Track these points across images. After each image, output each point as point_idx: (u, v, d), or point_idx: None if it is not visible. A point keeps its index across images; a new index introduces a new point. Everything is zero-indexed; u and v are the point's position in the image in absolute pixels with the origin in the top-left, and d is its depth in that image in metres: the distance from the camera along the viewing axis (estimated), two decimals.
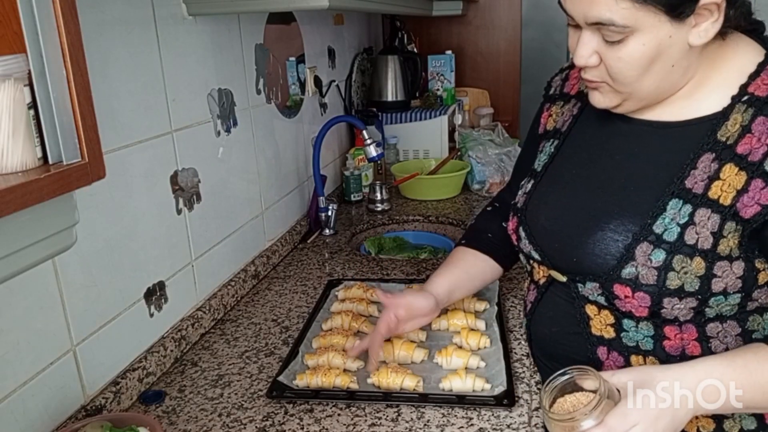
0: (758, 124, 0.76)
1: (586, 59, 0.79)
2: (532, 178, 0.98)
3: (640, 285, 0.79)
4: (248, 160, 1.50)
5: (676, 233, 0.78)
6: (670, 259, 0.78)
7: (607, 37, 0.76)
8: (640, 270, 0.79)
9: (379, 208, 2.01)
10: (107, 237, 1.01)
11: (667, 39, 0.75)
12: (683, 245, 0.77)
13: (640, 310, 0.81)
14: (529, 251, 0.94)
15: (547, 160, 0.96)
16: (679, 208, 0.79)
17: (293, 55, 1.77)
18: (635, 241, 0.80)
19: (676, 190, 0.79)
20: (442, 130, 2.38)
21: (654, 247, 0.79)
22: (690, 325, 0.82)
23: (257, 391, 1.06)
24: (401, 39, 2.63)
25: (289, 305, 1.38)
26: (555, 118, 1.00)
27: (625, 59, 0.77)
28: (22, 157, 0.57)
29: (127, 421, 0.85)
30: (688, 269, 0.77)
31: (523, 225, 0.95)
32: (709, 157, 0.78)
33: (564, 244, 0.89)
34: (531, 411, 0.97)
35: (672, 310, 0.80)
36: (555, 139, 0.97)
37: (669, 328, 0.82)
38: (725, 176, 0.77)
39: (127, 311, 1.06)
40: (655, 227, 0.79)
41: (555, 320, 0.93)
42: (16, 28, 0.56)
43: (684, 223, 0.78)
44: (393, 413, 0.98)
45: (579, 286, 0.87)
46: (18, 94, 0.56)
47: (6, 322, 0.83)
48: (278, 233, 1.67)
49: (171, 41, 1.17)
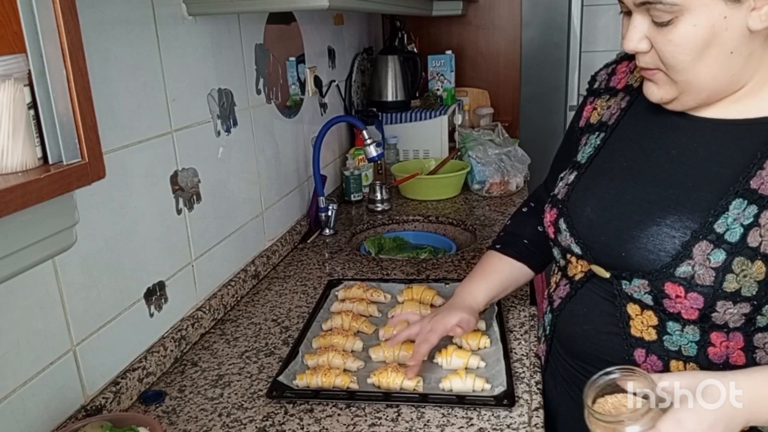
0: None
1: (636, 43, 0.76)
2: (575, 170, 0.95)
3: (695, 285, 0.76)
4: (248, 160, 1.50)
5: (739, 234, 0.75)
6: (730, 260, 0.74)
7: (656, 18, 0.73)
8: (696, 269, 0.76)
9: (379, 208, 2.01)
10: (107, 237, 1.01)
11: (722, 20, 0.71)
12: (745, 247, 0.74)
13: (690, 312, 0.78)
14: (568, 245, 0.92)
15: (592, 152, 0.93)
16: (743, 209, 0.75)
17: (293, 55, 1.77)
18: (694, 239, 0.77)
19: (741, 189, 0.76)
20: (442, 130, 2.38)
21: (714, 246, 0.75)
22: (737, 333, 0.79)
23: (257, 391, 1.06)
24: (401, 39, 2.63)
25: (289, 305, 1.38)
26: (600, 111, 0.97)
27: (676, 41, 0.73)
28: (22, 157, 0.57)
29: (127, 421, 0.85)
30: (748, 272, 0.74)
31: (564, 217, 0.92)
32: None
33: (611, 237, 0.85)
34: (531, 411, 0.97)
35: (724, 315, 0.77)
36: (601, 131, 0.94)
37: (716, 335, 0.79)
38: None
39: (127, 311, 1.06)
40: (716, 226, 0.76)
41: (589, 318, 0.90)
42: (16, 28, 0.56)
43: (748, 224, 0.74)
44: (393, 413, 0.98)
45: (624, 283, 0.84)
46: (18, 94, 0.56)
47: (6, 322, 0.83)
48: (278, 233, 1.67)
49: (171, 41, 1.17)
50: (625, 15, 0.79)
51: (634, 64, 0.89)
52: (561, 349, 0.99)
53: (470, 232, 1.84)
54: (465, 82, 2.98)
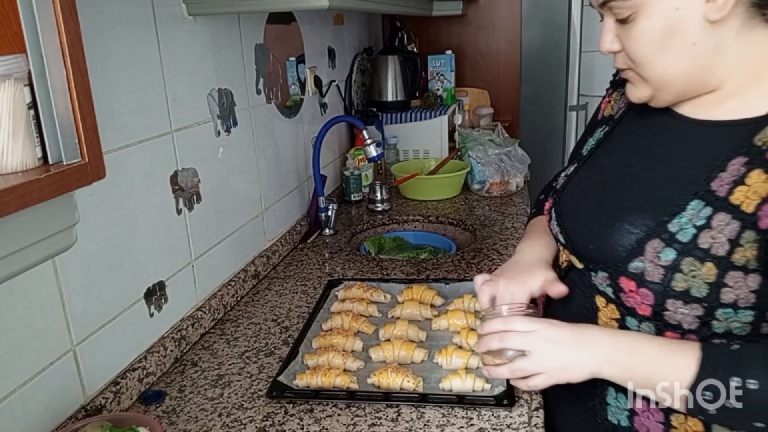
0: None
1: (609, 44, 0.80)
2: (576, 162, 0.98)
3: (645, 281, 0.78)
4: (248, 160, 1.50)
5: (691, 234, 0.75)
6: (679, 260, 0.75)
7: (618, 16, 0.76)
8: (647, 266, 0.77)
9: (379, 208, 2.01)
10: (107, 237, 1.01)
11: (675, 12, 0.73)
12: (695, 248, 0.74)
13: (644, 308, 0.79)
14: (556, 233, 0.95)
15: (594, 145, 0.96)
16: (699, 210, 0.75)
17: (293, 55, 1.77)
18: (648, 237, 0.78)
19: (701, 191, 0.76)
20: (442, 130, 2.38)
21: (666, 245, 0.76)
22: (693, 336, 0.78)
23: (257, 391, 1.06)
24: (401, 39, 2.63)
25: (289, 305, 1.38)
26: (613, 104, 0.98)
27: (637, 36, 0.76)
28: (22, 157, 0.57)
29: (127, 421, 0.85)
30: (697, 273, 0.74)
31: (556, 206, 0.96)
32: (741, 161, 0.74)
33: (585, 229, 0.88)
34: (531, 411, 0.97)
35: (675, 314, 0.77)
36: (607, 125, 0.96)
37: (670, 334, 0.80)
38: (751, 182, 0.72)
39: (127, 311, 1.06)
40: (670, 225, 0.77)
41: (569, 307, 0.92)
42: (16, 28, 0.56)
43: (701, 225, 0.75)
44: (393, 413, 0.98)
45: (592, 275, 0.87)
46: (18, 94, 0.57)
47: (6, 322, 0.83)
48: (278, 233, 1.67)
49: (171, 41, 1.17)
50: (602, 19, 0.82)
51: None
52: None
53: (470, 232, 1.84)
54: (465, 82, 2.98)
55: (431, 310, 1.26)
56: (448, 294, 1.32)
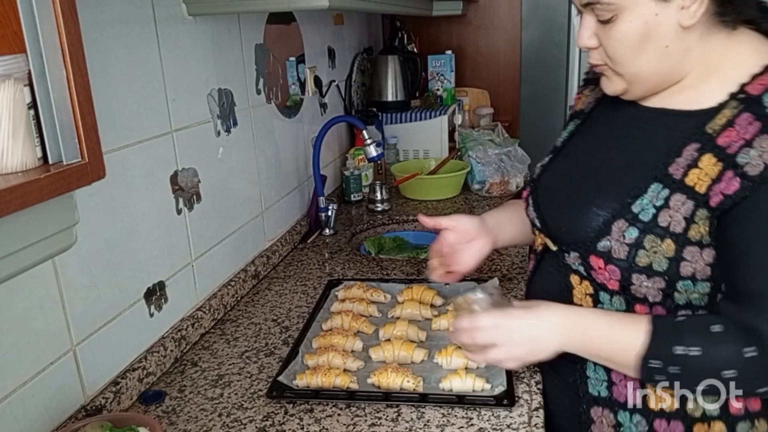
0: (742, 119, 0.79)
1: (586, 40, 0.86)
2: (552, 153, 1.05)
3: (612, 258, 0.85)
4: (248, 160, 1.50)
5: (651, 214, 0.82)
6: (642, 237, 0.83)
7: (600, 16, 0.82)
8: (613, 244, 0.85)
9: (379, 208, 2.01)
10: (107, 237, 1.01)
11: (654, 17, 0.80)
12: (656, 226, 0.82)
13: (612, 283, 0.86)
14: (533, 218, 1.02)
15: (567, 137, 1.04)
16: (658, 192, 0.83)
17: (293, 55, 1.77)
18: (613, 218, 0.85)
19: (660, 175, 0.83)
20: (442, 130, 2.38)
21: (629, 224, 0.84)
22: (659, 308, 0.86)
23: (257, 391, 1.06)
24: (401, 39, 2.63)
25: (289, 305, 1.38)
26: (584, 100, 1.06)
27: (617, 37, 0.82)
28: (22, 157, 0.57)
29: (127, 421, 0.85)
30: (658, 249, 0.82)
31: (533, 194, 1.03)
32: (694, 147, 0.82)
33: (559, 213, 0.96)
34: (531, 411, 0.97)
35: (640, 287, 0.84)
36: (578, 118, 1.04)
37: (639, 306, 0.87)
38: (703, 165, 0.80)
39: (127, 311, 1.06)
40: (633, 207, 0.84)
41: (547, 289, 0.98)
42: (16, 28, 0.56)
43: (659, 205, 0.82)
44: (393, 413, 0.98)
45: (565, 255, 0.93)
46: (18, 94, 0.56)
47: (6, 322, 0.83)
48: (278, 233, 1.67)
49: (171, 41, 1.17)
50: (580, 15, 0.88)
51: None
52: None
53: None
54: (465, 82, 2.97)
55: (431, 310, 1.26)
56: (448, 294, 1.32)
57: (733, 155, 0.77)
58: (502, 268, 1.51)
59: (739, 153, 0.77)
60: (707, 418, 0.87)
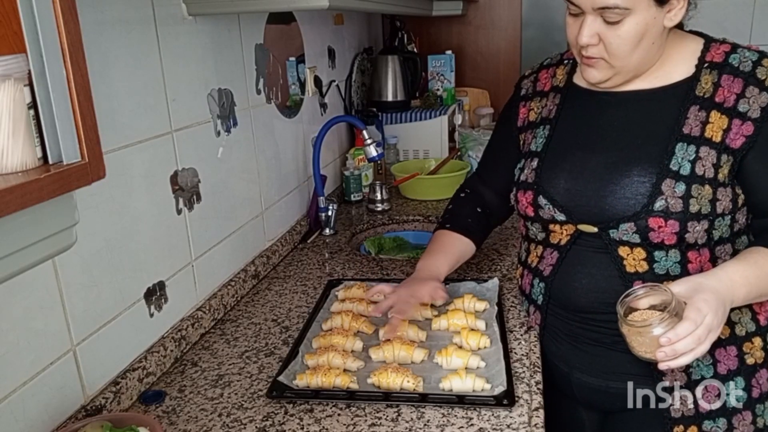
0: (725, 80, 0.99)
1: (589, 39, 0.98)
2: (536, 157, 1.12)
3: (670, 213, 0.97)
4: (248, 160, 1.50)
5: (689, 168, 0.98)
6: (689, 188, 0.97)
7: (608, 18, 0.95)
8: (669, 201, 0.97)
9: (379, 208, 2.01)
10: (107, 237, 1.01)
11: (652, 20, 0.96)
12: (695, 176, 0.97)
13: (670, 237, 0.98)
14: (551, 216, 1.08)
15: (545, 140, 1.12)
16: (685, 149, 0.98)
17: (293, 55, 1.77)
18: (659, 179, 0.98)
19: (678, 135, 0.99)
20: (442, 130, 2.38)
21: (676, 180, 0.97)
22: (705, 249, 1.01)
23: (257, 391, 1.06)
24: (401, 39, 2.63)
25: (289, 305, 1.38)
26: (537, 111, 1.18)
27: (623, 36, 0.96)
28: (22, 157, 0.57)
29: (127, 421, 0.85)
30: (702, 194, 0.97)
31: (541, 194, 1.09)
32: (696, 108, 1.00)
33: (591, 198, 1.03)
34: (531, 411, 0.97)
35: (693, 234, 0.98)
36: (546, 124, 1.14)
37: (691, 253, 1.00)
38: (713, 120, 0.98)
39: (127, 311, 1.06)
40: (671, 165, 0.98)
41: (584, 272, 1.06)
42: (16, 28, 0.56)
43: (693, 159, 0.98)
44: (393, 413, 0.98)
45: (611, 232, 1.01)
46: (18, 94, 0.56)
47: (6, 322, 0.83)
48: (278, 233, 1.67)
49: (171, 41, 1.17)
50: (572, 16, 1.00)
51: (553, 70, 1.18)
52: (560, 310, 1.11)
53: None
54: (465, 82, 2.97)
55: (431, 310, 1.26)
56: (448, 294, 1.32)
57: (733, 107, 0.97)
58: (502, 269, 1.51)
59: (738, 104, 0.97)
60: (749, 336, 1.04)
